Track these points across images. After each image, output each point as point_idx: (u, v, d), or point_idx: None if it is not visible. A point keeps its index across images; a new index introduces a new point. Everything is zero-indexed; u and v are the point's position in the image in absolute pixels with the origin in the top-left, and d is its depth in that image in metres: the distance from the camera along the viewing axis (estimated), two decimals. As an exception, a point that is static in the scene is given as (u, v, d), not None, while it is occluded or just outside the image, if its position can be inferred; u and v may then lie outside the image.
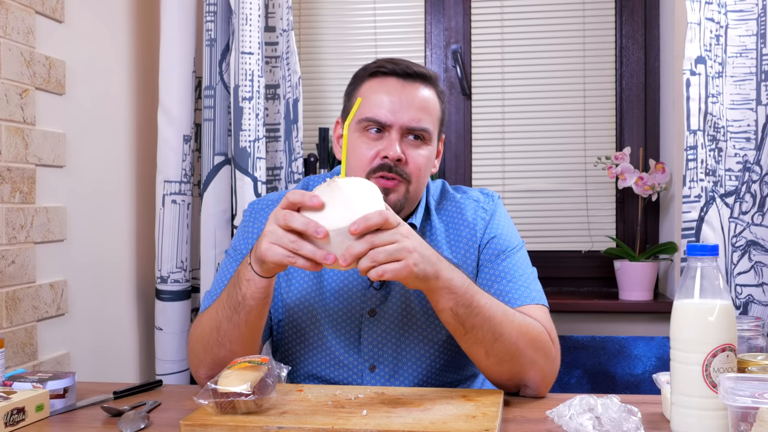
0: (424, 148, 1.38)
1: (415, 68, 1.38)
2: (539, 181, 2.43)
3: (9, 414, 1.10)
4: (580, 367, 2.09)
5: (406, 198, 1.37)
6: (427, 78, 1.40)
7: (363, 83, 1.41)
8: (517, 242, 1.44)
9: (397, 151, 1.34)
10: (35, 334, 1.55)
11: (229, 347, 1.26)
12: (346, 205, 1.09)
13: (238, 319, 1.22)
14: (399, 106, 1.35)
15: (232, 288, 1.22)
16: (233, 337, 1.25)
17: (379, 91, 1.37)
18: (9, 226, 1.47)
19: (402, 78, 1.38)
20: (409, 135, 1.37)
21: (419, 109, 1.36)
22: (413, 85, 1.38)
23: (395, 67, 1.38)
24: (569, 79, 2.42)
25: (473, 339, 1.22)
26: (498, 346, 1.22)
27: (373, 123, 1.36)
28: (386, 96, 1.36)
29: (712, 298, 1.01)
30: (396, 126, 1.35)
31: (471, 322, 1.20)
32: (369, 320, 1.39)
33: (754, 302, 1.80)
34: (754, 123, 1.81)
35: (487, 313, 1.20)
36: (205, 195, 1.96)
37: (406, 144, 1.36)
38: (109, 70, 1.88)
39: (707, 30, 1.79)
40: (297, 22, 2.49)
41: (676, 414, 1.04)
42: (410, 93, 1.37)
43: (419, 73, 1.38)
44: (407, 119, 1.35)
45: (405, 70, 1.38)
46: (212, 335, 1.27)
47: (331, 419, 1.06)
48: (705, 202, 1.79)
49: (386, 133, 1.36)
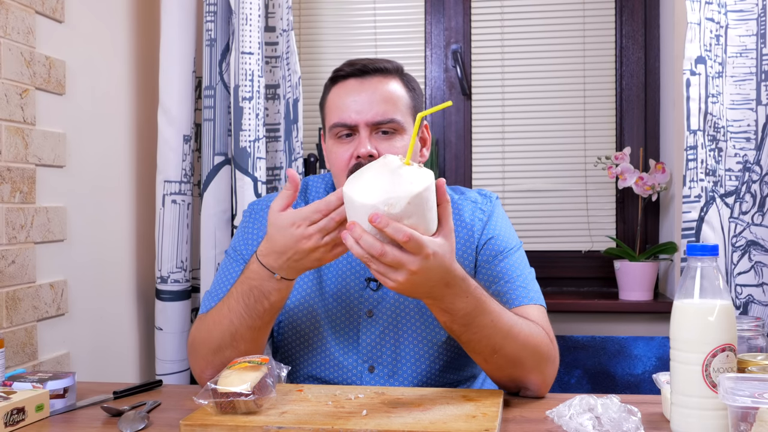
0: (398, 139, 1.37)
1: (370, 65, 1.39)
2: (539, 181, 2.43)
3: (9, 414, 1.10)
4: (580, 367, 2.09)
5: None
6: (385, 70, 1.40)
7: (328, 92, 1.43)
8: (515, 243, 1.44)
9: (367, 148, 1.34)
10: (35, 334, 1.54)
11: (244, 348, 1.27)
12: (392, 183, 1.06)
13: (261, 323, 1.24)
14: (361, 105, 1.36)
15: (255, 302, 1.22)
16: (249, 339, 1.26)
17: (341, 95, 1.38)
18: (9, 226, 1.47)
19: (359, 77, 1.38)
20: (379, 130, 1.37)
21: (382, 102, 1.36)
22: (371, 81, 1.38)
23: (352, 68, 1.39)
24: (569, 79, 2.42)
25: (469, 349, 1.24)
26: (497, 358, 1.23)
27: (342, 128, 1.37)
28: (348, 98, 1.37)
29: (712, 298, 1.01)
30: (362, 124, 1.35)
31: (467, 337, 1.21)
32: (367, 321, 1.39)
33: (754, 302, 1.80)
34: (754, 123, 1.81)
35: (488, 331, 1.20)
36: (205, 195, 1.96)
37: (377, 139, 1.36)
38: (109, 70, 1.88)
39: (707, 30, 1.79)
40: (297, 22, 2.49)
41: (676, 414, 1.04)
42: (370, 89, 1.37)
43: (376, 68, 1.39)
44: (371, 115, 1.35)
45: (361, 69, 1.38)
46: (225, 340, 1.27)
47: (331, 419, 1.06)
48: (705, 202, 1.79)
49: (356, 134, 1.37)
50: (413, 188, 1.05)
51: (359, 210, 1.06)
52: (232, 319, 1.25)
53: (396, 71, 1.41)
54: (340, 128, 1.37)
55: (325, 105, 1.44)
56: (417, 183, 1.06)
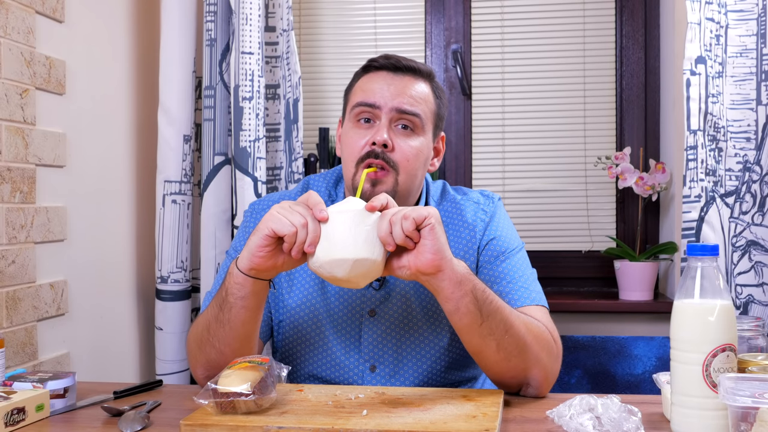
0: (414, 138, 1.37)
1: (405, 62, 1.39)
2: (539, 181, 2.43)
3: (9, 414, 1.10)
4: (580, 367, 2.09)
5: (395, 190, 1.35)
6: (418, 71, 1.40)
7: (358, 79, 1.43)
8: (517, 243, 1.44)
9: (383, 136, 1.33)
10: (35, 334, 1.54)
11: (218, 347, 1.25)
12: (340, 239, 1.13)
13: (223, 317, 1.22)
14: (388, 92, 1.36)
15: (221, 286, 1.23)
16: (220, 337, 1.24)
17: (370, 81, 1.39)
18: (9, 226, 1.47)
19: (392, 71, 1.38)
20: (399, 123, 1.36)
21: (410, 96, 1.37)
22: (404, 77, 1.38)
23: (386, 61, 1.39)
24: (569, 79, 2.42)
25: (487, 329, 1.20)
26: (508, 339, 1.21)
27: (364, 107, 1.36)
28: (376, 84, 1.37)
29: (712, 298, 1.01)
30: (385, 108, 1.35)
31: (487, 309, 1.19)
32: (369, 320, 1.39)
33: (754, 302, 1.80)
34: (754, 123, 1.81)
35: (498, 303, 1.21)
36: (206, 195, 1.96)
37: (395, 132, 1.36)
38: (109, 70, 1.88)
39: (707, 30, 1.79)
40: (297, 22, 2.49)
41: (676, 414, 1.04)
42: (401, 83, 1.38)
43: (409, 66, 1.39)
44: (397, 102, 1.35)
45: (395, 64, 1.38)
46: (204, 334, 1.27)
47: (331, 419, 1.06)
48: (705, 202, 1.79)
49: (377, 121, 1.36)
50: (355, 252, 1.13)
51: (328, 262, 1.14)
52: (209, 309, 1.26)
53: (428, 75, 1.42)
54: (362, 108, 1.36)
55: (351, 90, 1.43)
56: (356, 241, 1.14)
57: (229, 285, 1.20)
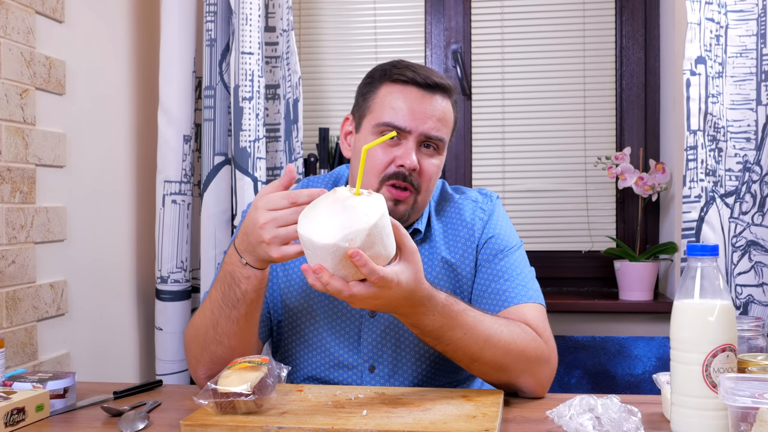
0: (437, 157, 1.38)
1: (435, 78, 1.36)
2: (539, 181, 2.43)
3: (9, 414, 1.10)
4: (580, 367, 2.09)
5: (413, 208, 1.37)
6: (445, 90, 1.38)
7: (381, 86, 1.38)
8: (516, 242, 1.44)
9: (413, 161, 1.33)
10: (35, 334, 1.54)
11: (228, 343, 1.26)
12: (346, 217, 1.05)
13: (237, 314, 1.23)
14: (420, 115, 1.34)
15: (228, 288, 1.23)
16: (231, 333, 1.25)
17: (398, 97, 1.35)
18: (9, 226, 1.47)
19: (423, 88, 1.36)
20: (424, 144, 1.36)
21: (438, 119, 1.36)
22: (433, 96, 1.36)
23: (415, 75, 1.35)
24: (569, 79, 2.42)
25: (447, 357, 1.25)
26: (478, 365, 1.24)
27: (392, 128, 1.34)
28: (405, 103, 1.35)
29: (712, 298, 1.01)
30: (415, 133, 1.34)
31: (441, 349, 1.23)
32: (369, 321, 1.39)
33: (754, 302, 1.80)
34: (754, 123, 1.81)
35: (461, 344, 1.21)
36: (205, 195, 1.96)
37: (421, 153, 1.36)
38: (109, 70, 1.88)
39: (707, 30, 1.79)
40: (297, 22, 2.49)
41: (676, 414, 1.04)
42: (430, 104, 1.35)
43: (439, 84, 1.37)
44: (427, 127, 1.34)
45: (426, 80, 1.35)
46: (209, 334, 1.27)
47: (331, 419, 1.06)
48: (705, 202, 1.79)
49: (403, 141, 1.35)
50: (370, 219, 1.04)
51: (320, 251, 1.04)
52: (213, 310, 1.25)
53: (452, 92, 1.41)
54: (390, 128, 1.33)
55: (372, 97, 1.38)
56: (372, 213, 1.05)
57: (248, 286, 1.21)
